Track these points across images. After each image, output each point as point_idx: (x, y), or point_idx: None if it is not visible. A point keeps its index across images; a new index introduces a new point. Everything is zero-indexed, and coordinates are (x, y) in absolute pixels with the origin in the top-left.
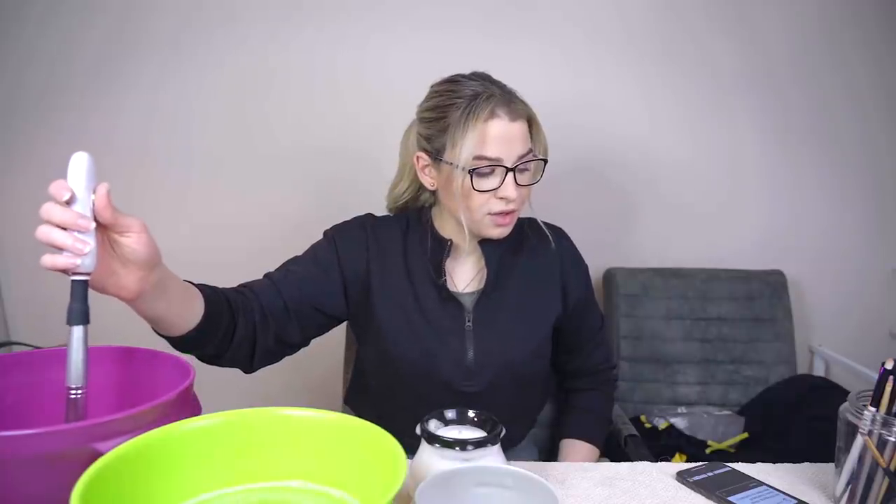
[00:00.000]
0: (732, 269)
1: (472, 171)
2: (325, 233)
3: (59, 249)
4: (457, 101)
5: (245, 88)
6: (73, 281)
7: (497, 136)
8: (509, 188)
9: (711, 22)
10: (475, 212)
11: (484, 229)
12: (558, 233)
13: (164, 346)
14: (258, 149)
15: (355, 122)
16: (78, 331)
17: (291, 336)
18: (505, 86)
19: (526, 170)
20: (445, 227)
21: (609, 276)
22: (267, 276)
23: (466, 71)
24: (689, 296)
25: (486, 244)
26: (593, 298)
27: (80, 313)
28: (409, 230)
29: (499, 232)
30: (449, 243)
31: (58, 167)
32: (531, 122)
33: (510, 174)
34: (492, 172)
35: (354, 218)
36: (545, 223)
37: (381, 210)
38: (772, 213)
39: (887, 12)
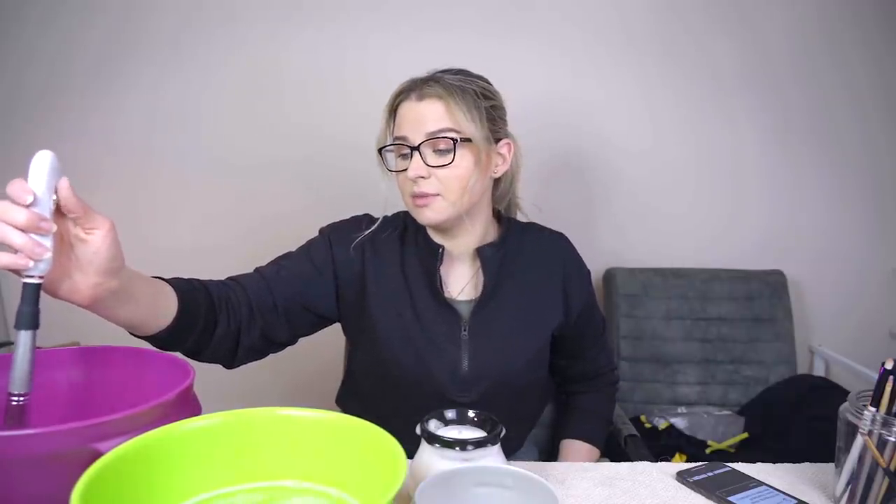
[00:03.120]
0: (732, 269)
1: (380, 150)
2: (321, 230)
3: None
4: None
5: (245, 88)
6: (24, 283)
7: (404, 115)
8: (411, 166)
9: (712, 23)
10: (403, 196)
11: (415, 215)
12: (560, 238)
13: None
14: (259, 149)
15: (356, 122)
16: (26, 336)
17: (279, 334)
18: (447, 73)
19: (440, 150)
20: (434, 232)
21: (609, 276)
22: (258, 270)
23: (469, 69)
24: (689, 296)
25: (482, 251)
26: (595, 303)
27: (29, 317)
28: (405, 233)
29: (421, 216)
30: (441, 249)
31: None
32: (448, 103)
33: (416, 153)
34: (410, 156)
35: (352, 217)
36: (546, 228)
37: (382, 210)
38: (772, 213)
39: (887, 12)
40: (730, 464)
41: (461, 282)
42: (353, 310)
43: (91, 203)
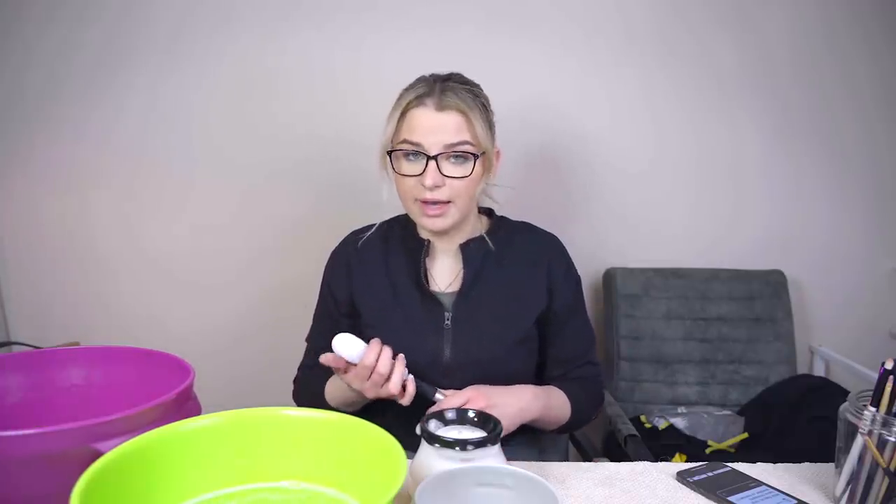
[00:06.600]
0: (732, 269)
1: (390, 153)
2: (324, 275)
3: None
4: (400, 93)
5: (244, 89)
6: (416, 380)
7: (420, 123)
8: (428, 175)
9: (713, 23)
10: (406, 197)
11: (418, 218)
12: (551, 239)
13: (164, 346)
14: (257, 149)
15: (354, 123)
16: (438, 394)
17: None
18: (452, 81)
19: (456, 161)
20: (427, 232)
21: (609, 276)
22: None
23: (468, 69)
24: (689, 296)
25: (465, 245)
26: (583, 311)
27: (429, 386)
28: (391, 231)
29: (429, 223)
30: (427, 243)
31: (58, 167)
32: (468, 117)
33: (432, 162)
34: (416, 158)
35: (340, 243)
36: (540, 229)
37: (380, 210)
38: (772, 213)
39: (888, 12)
40: (730, 464)
41: (447, 276)
42: (355, 317)
43: (88, 202)
